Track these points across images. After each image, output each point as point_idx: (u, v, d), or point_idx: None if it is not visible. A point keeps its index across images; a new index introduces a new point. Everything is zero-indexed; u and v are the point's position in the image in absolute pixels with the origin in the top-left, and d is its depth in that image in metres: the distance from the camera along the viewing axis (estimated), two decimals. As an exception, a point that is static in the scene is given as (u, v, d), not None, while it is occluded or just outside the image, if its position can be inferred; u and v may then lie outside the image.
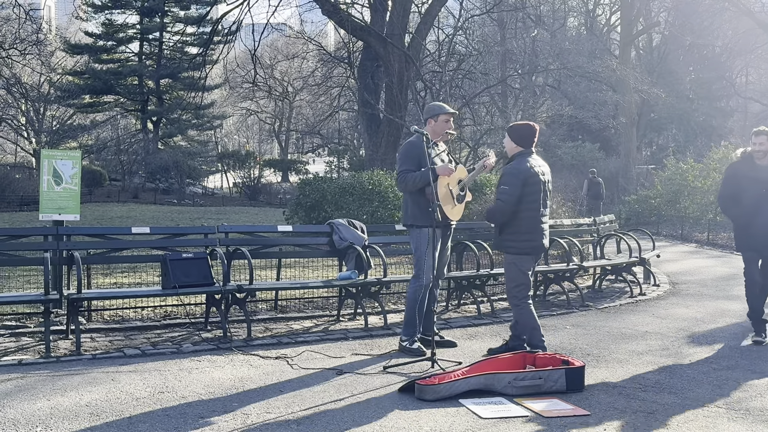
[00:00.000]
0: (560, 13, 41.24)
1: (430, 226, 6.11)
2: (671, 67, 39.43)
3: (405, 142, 6.65)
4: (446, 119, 6.42)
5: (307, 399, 5.02)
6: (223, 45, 24.51)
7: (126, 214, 28.63)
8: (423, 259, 6.26)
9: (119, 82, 46.09)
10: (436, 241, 6.21)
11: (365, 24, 22.00)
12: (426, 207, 6.16)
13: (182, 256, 7.11)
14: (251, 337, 6.87)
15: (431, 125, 6.44)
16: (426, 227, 6.20)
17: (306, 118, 52.71)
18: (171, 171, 42.63)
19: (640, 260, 10.48)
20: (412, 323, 6.35)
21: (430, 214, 6.04)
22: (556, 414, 4.75)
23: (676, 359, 6.31)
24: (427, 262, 6.24)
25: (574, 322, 7.96)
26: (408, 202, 6.38)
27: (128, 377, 5.48)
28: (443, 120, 6.41)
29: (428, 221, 6.11)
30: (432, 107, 6.60)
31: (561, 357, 5.58)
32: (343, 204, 15.10)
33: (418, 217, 6.29)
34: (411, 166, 6.25)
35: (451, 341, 6.69)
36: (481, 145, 33.05)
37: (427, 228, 6.17)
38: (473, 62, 29.33)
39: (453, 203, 6.39)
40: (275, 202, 40.40)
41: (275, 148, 66.23)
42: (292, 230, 8.65)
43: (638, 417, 4.73)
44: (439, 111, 6.47)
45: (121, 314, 7.83)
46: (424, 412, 4.76)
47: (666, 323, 7.90)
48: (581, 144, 35.09)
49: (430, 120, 6.47)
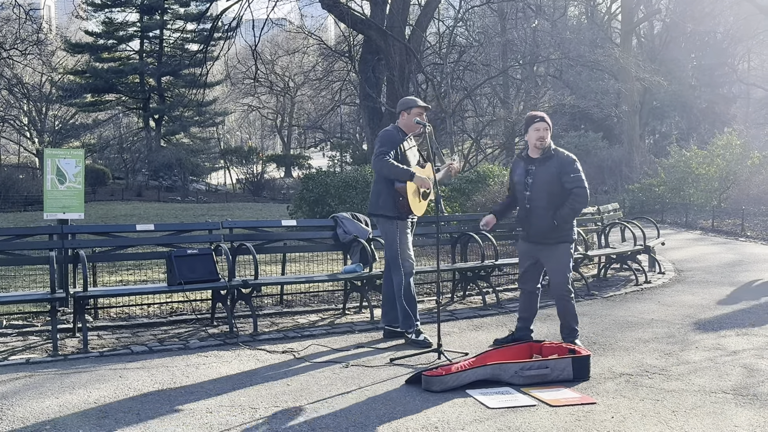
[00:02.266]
0: (561, 2, 41.06)
1: (398, 218, 6.35)
2: (673, 54, 39.30)
3: (382, 130, 6.72)
4: (418, 113, 6.42)
5: (315, 392, 5.03)
6: (223, 41, 24.52)
7: (130, 212, 28.68)
8: (397, 250, 6.40)
9: (120, 80, 46.15)
10: (408, 231, 6.47)
11: (365, 17, 21.97)
12: (398, 198, 6.32)
13: (187, 252, 7.12)
14: (257, 332, 6.88)
15: (404, 118, 6.48)
16: (395, 218, 6.37)
17: (308, 112, 52.70)
18: (174, 168, 42.70)
19: (644, 248, 10.48)
20: (408, 315, 6.40)
21: (400, 205, 6.29)
22: (563, 402, 4.75)
23: (683, 346, 6.30)
24: (403, 250, 6.41)
25: (579, 311, 7.90)
26: (382, 192, 6.42)
27: (136, 374, 5.50)
28: (415, 113, 6.41)
29: (397, 213, 6.34)
30: (405, 101, 6.63)
31: (567, 346, 5.58)
32: (346, 198, 15.11)
33: (389, 208, 6.38)
34: (392, 149, 6.37)
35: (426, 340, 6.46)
36: (484, 137, 33.05)
37: (396, 219, 6.36)
38: (474, 53, 29.29)
39: (419, 199, 6.47)
40: (279, 198, 40.47)
41: (278, 144, 66.27)
42: (296, 225, 8.66)
43: (646, 404, 4.74)
44: (411, 104, 6.49)
45: (128, 311, 7.85)
46: (432, 404, 4.76)
47: (672, 310, 7.89)
48: (584, 133, 35.03)
49: (402, 113, 6.50)
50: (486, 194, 14.43)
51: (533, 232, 6.12)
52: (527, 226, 6.14)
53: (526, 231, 6.18)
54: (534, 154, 6.11)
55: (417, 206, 6.46)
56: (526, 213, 6.10)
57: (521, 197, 6.16)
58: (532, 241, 6.16)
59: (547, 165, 6.04)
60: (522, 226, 6.20)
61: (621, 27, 37.14)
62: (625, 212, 19.91)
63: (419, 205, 6.49)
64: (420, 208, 6.52)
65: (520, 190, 6.17)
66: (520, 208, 6.21)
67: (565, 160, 6.07)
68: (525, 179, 6.12)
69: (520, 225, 6.23)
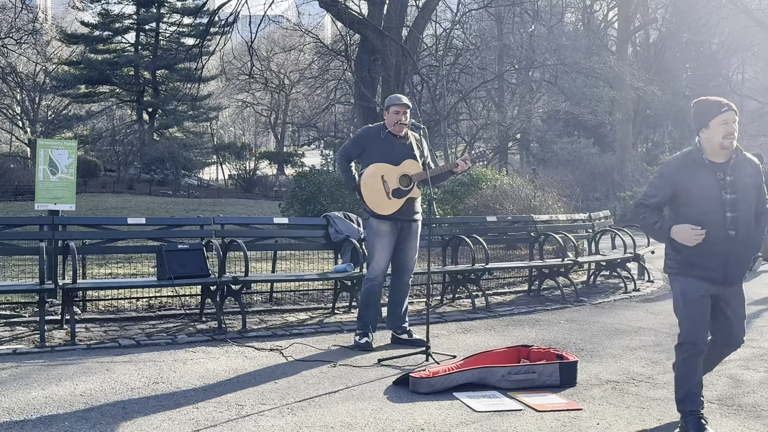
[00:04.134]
0: (557, 8, 41.17)
1: (374, 217, 6.25)
2: (668, 63, 39.48)
3: (364, 126, 6.71)
4: (396, 110, 6.36)
5: (302, 390, 5.03)
6: (219, 36, 24.44)
7: (121, 204, 28.59)
8: (371, 250, 6.38)
9: (115, 72, 45.94)
10: (386, 234, 6.26)
11: (362, 17, 21.96)
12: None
13: (178, 247, 7.11)
14: (246, 328, 6.87)
15: (386, 117, 6.45)
16: (370, 217, 6.31)
17: (302, 110, 52.61)
18: (166, 162, 42.53)
19: (634, 256, 10.52)
20: (361, 317, 6.42)
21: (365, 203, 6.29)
22: (549, 408, 4.77)
23: (669, 355, 6.31)
24: (371, 253, 6.36)
25: (568, 317, 7.98)
26: None
27: (123, 367, 5.49)
28: (393, 111, 6.37)
29: (370, 212, 6.29)
30: (387, 99, 6.62)
31: (555, 351, 5.61)
32: (338, 197, 15.09)
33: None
34: (353, 149, 6.49)
35: (420, 340, 6.19)
36: (477, 140, 33.09)
37: (371, 218, 6.29)
38: (470, 57, 29.33)
39: (386, 197, 6.26)
40: (271, 195, 40.36)
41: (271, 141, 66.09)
42: (288, 223, 8.67)
43: (631, 411, 4.76)
44: (389, 103, 6.47)
45: (116, 305, 7.83)
46: (419, 405, 4.77)
47: (659, 319, 7.93)
48: (577, 140, 35.13)
49: (384, 112, 6.50)
50: (478, 198, 14.43)
51: (734, 269, 4.35)
52: (724, 261, 4.29)
53: (719, 267, 4.30)
54: (718, 157, 4.36)
55: (382, 204, 6.25)
56: (727, 242, 4.26)
57: (717, 221, 4.27)
58: (720, 281, 4.35)
59: (743, 173, 4.37)
60: (709, 261, 4.29)
61: (617, 35, 37.24)
62: (616, 220, 19.97)
63: (387, 203, 6.24)
64: (387, 207, 6.24)
65: (714, 210, 4.28)
66: (711, 235, 4.25)
67: (757, 165, 4.49)
68: (721, 195, 4.29)
69: (701, 258, 4.30)
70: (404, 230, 6.39)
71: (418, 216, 6.45)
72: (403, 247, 6.41)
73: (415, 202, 6.38)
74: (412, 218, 6.39)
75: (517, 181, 16.18)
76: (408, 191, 6.31)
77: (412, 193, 6.31)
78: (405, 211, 6.32)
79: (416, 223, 6.43)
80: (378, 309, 6.45)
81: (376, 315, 6.43)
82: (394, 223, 6.32)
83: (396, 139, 6.40)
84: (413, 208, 6.39)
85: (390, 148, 6.36)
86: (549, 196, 14.78)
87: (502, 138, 30.51)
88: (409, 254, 6.45)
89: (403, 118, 6.33)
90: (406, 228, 6.39)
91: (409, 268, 6.51)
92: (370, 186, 6.29)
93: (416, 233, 6.43)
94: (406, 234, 6.40)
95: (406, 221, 6.37)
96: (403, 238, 6.39)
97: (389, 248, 6.34)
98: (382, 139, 6.38)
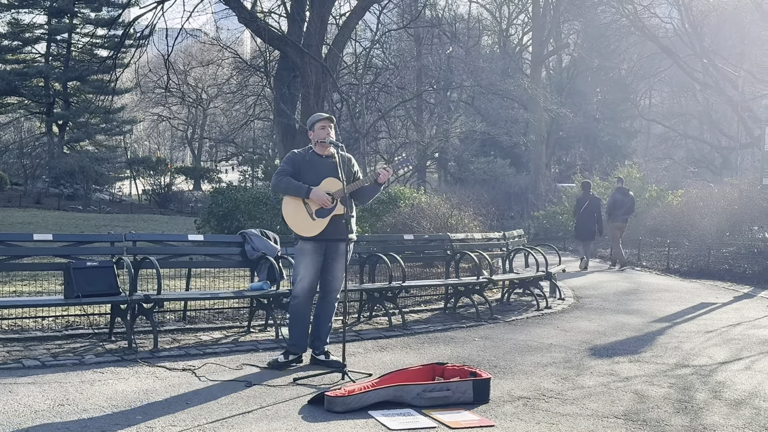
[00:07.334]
0: (475, 31, 42.11)
1: (301, 239, 6.26)
2: (579, 87, 40.84)
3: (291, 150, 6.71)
4: (322, 126, 6.37)
5: (215, 411, 4.94)
6: (135, 49, 23.92)
7: (28, 219, 27.52)
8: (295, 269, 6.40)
9: (24, 83, 44.35)
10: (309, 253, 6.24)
11: (282, 34, 21.89)
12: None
13: (86, 264, 6.90)
14: (158, 348, 6.71)
15: (311, 136, 6.43)
16: (298, 239, 6.31)
17: (220, 126, 51.98)
18: (77, 176, 41.20)
19: (546, 274, 10.78)
20: (289, 335, 6.43)
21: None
22: (462, 425, 4.82)
23: (578, 371, 6.50)
24: (295, 272, 6.38)
25: (482, 335, 8.10)
26: None
27: (27, 389, 5.27)
28: (319, 128, 6.37)
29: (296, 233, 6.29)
30: (310, 118, 6.62)
31: (469, 369, 5.68)
32: (256, 214, 14.96)
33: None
34: (288, 167, 6.36)
35: (337, 361, 6.13)
36: (398, 156, 33.36)
37: (299, 239, 6.29)
38: (389, 76, 29.61)
39: (309, 218, 6.21)
40: (186, 211, 39.61)
41: (188, 156, 65.01)
42: (203, 240, 8.51)
43: (541, 427, 4.86)
44: (313, 120, 6.48)
45: (20, 324, 7.52)
46: (333, 424, 4.75)
47: (569, 336, 8.14)
48: (493, 159, 35.88)
49: (309, 132, 6.46)
50: (396, 216, 14.55)
51: None
52: None
53: None
54: None
55: (307, 226, 6.19)
56: None
57: None
58: None
59: None
60: None
61: (531, 58, 38.36)
62: (530, 238, 20.44)
63: (312, 224, 6.18)
64: (312, 228, 6.18)
65: None
66: None
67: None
68: None
69: None
70: (330, 250, 6.31)
71: (347, 236, 6.30)
72: (330, 267, 6.35)
73: (342, 222, 6.21)
74: (339, 238, 6.27)
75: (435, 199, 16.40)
76: (331, 210, 6.23)
77: (336, 211, 6.22)
78: (331, 231, 6.21)
79: (343, 244, 6.30)
80: (303, 328, 6.36)
81: (301, 334, 6.35)
82: (319, 244, 6.26)
83: (320, 159, 6.36)
84: (341, 228, 6.22)
85: (314, 168, 6.31)
86: (465, 215, 15.02)
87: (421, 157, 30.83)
88: (334, 274, 6.37)
89: (331, 132, 6.37)
90: (332, 248, 6.30)
91: (334, 288, 6.43)
92: (292, 209, 6.25)
93: (343, 254, 6.31)
94: (332, 254, 6.31)
95: (332, 241, 6.28)
96: (330, 259, 6.32)
97: (313, 267, 6.26)
98: (307, 161, 6.34)
